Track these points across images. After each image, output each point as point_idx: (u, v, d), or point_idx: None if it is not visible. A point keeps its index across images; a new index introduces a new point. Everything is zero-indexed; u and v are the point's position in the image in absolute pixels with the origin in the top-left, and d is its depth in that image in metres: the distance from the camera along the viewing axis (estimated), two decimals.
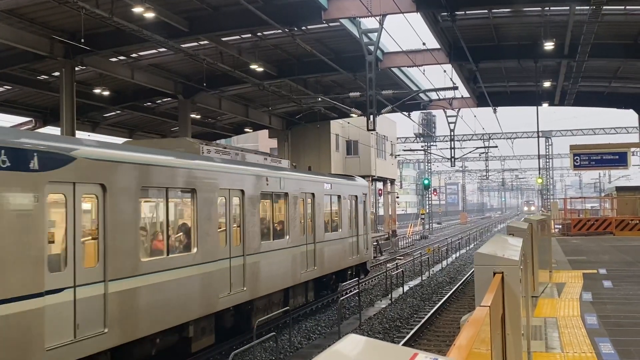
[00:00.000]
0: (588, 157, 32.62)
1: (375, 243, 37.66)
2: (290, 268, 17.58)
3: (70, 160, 9.48)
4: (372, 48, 22.52)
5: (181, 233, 12.99)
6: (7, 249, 8.38)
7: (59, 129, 24.04)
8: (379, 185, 55.74)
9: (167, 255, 11.94)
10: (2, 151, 8.22)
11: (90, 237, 10.07)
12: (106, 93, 27.75)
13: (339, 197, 21.93)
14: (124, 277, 10.50)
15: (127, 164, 10.90)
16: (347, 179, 24.15)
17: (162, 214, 12.23)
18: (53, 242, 9.33)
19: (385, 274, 26.24)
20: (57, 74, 25.25)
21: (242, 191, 14.98)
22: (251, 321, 15.25)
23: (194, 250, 12.79)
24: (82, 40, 18.79)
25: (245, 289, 14.78)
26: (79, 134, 26.39)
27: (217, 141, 47.80)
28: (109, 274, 10.14)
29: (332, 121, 43.18)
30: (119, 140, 34.46)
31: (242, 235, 14.87)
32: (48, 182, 9.05)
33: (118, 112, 34.66)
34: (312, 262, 19.20)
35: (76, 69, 23.79)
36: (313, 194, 19.55)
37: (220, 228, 13.94)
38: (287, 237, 17.49)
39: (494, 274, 4.80)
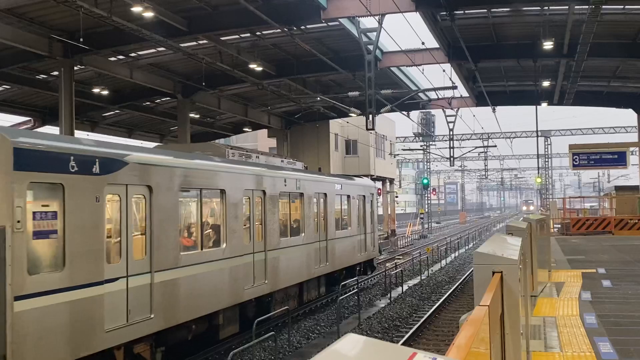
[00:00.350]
0: (587, 157, 32.63)
1: None
2: (305, 263, 18.81)
3: (123, 165, 10.83)
4: (371, 47, 22.53)
5: (212, 230, 14.20)
6: (77, 242, 9.67)
7: (58, 128, 24.03)
8: (378, 184, 55.72)
9: (201, 249, 13.31)
10: (72, 158, 9.65)
11: (139, 233, 11.36)
12: (105, 92, 27.72)
13: (348, 197, 23.09)
14: (166, 268, 11.83)
15: (169, 168, 12.27)
16: (355, 180, 25.21)
17: (196, 212, 13.53)
18: (110, 237, 10.62)
19: (384, 273, 26.25)
20: (56, 73, 25.24)
21: (264, 191, 16.28)
22: (270, 312, 16.37)
23: (223, 245, 14.09)
24: (81, 40, 18.77)
25: (266, 282, 16.10)
26: (78, 134, 26.40)
27: (216, 141, 47.82)
28: (154, 266, 11.45)
29: (331, 120, 43.16)
30: (118, 140, 34.47)
31: (264, 232, 16.16)
32: (107, 184, 10.41)
33: (117, 111, 34.63)
34: (325, 258, 20.37)
35: (75, 68, 23.77)
36: (325, 194, 20.75)
37: (245, 225, 15.21)
38: (303, 234, 18.73)
39: (493, 273, 4.80)
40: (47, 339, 9.13)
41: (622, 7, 22.08)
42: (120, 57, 25.72)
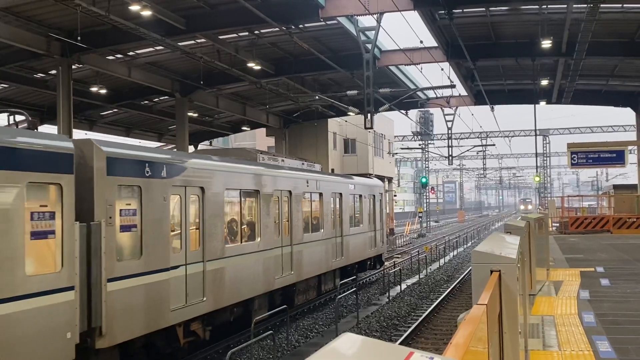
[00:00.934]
0: (585, 155, 32.64)
1: None
2: (324, 257, 20.80)
3: (183, 170, 12.83)
4: (369, 46, 22.49)
5: (249, 225, 16.11)
6: (150, 235, 11.62)
7: (56, 127, 23.99)
8: None
9: (241, 242, 15.36)
10: (147, 164, 11.68)
11: (194, 227, 13.26)
12: (103, 91, 27.67)
13: (360, 196, 24.98)
14: (215, 258, 13.78)
15: (217, 171, 14.26)
16: (366, 180, 27.39)
17: (237, 209, 15.55)
18: (173, 230, 12.49)
19: (382, 272, 26.25)
20: (53, 72, 25.19)
21: (290, 192, 18.26)
22: (294, 300, 18.58)
23: (258, 239, 16.10)
24: (79, 38, 18.74)
25: (292, 272, 18.13)
26: (76, 133, 26.35)
27: (215, 139, 47.80)
28: (206, 256, 13.41)
29: (329, 119, 43.14)
30: (117, 139, 34.44)
31: (290, 228, 18.16)
32: (171, 186, 12.36)
33: (115, 110, 34.59)
34: (340, 252, 22.41)
35: (73, 67, 23.73)
36: (341, 194, 22.66)
37: (275, 222, 17.18)
38: (322, 230, 20.73)
39: (492, 272, 4.79)
40: (129, 315, 10.96)
41: (620, 5, 22.07)
42: (118, 55, 25.68)
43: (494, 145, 60.02)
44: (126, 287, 10.88)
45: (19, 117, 11.56)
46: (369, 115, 22.51)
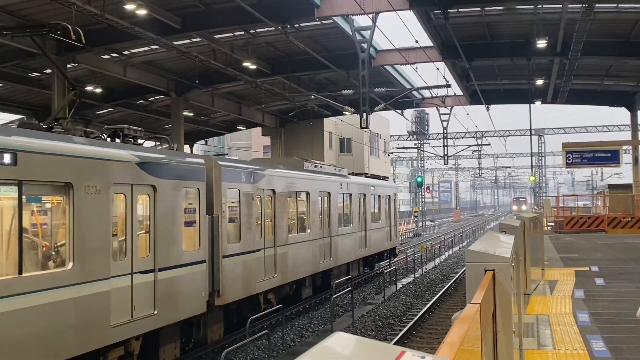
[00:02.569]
0: (580, 155, 32.73)
1: None
2: (352, 247, 24.38)
3: (263, 177, 16.73)
4: (365, 46, 22.51)
5: (303, 219, 19.87)
6: (245, 225, 15.47)
7: None
8: None
9: (297, 233, 19.14)
10: (242, 173, 15.59)
11: (268, 220, 17.16)
12: (98, 90, 27.63)
13: (379, 196, 28.46)
14: (282, 244, 17.68)
15: (282, 177, 18.02)
16: (384, 182, 30.45)
17: (294, 207, 19.35)
18: (258, 222, 16.37)
19: (378, 271, 26.25)
20: (48, 71, 25.14)
21: (329, 192, 21.87)
22: (330, 282, 21.49)
23: (308, 231, 19.95)
24: (74, 37, 18.68)
25: (331, 259, 21.81)
26: None
27: (211, 139, 47.74)
28: (276, 242, 17.36)
29: (325, 119, 43.15)
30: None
31: (329, 222, 21.76)
32: (257, 189, 16.28)
33: (110, 109, 34.55)
34: (365, 244, 25.96)
35: (68, 66, 23.68)
36: (364, 194, 26.07)
37: (319, 216, 20.86)
38: (351, 225, 24.25)
39: (485, 271, 4.79)
40: (234, 283, 14.76)
41: (615, 5, 22.12)
42: (114, 54, 25.65)
43: (489, 144, 60.11)
44: (232, 262, 14.73)
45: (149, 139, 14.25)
46: (364, 114, 22.52)
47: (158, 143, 14.25)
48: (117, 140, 11.85)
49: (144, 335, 11.42)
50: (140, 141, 12.42)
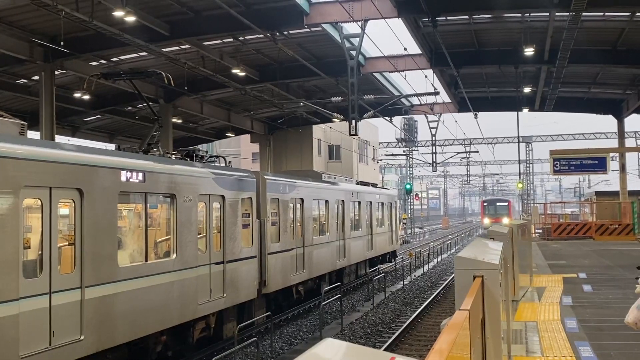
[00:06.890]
0: (568, 162, 32.91)
1: None
2: (361, 249, 26.88)
3: (295, 188, 19.39)
4: (354, 53, 22.55)
5: (323, 223, 22.43)
6: (282, 228, 18.21)
7: (38, 133, 23.80)
8: None
9: (319, 235, 21.62)
10: (280, 184, 18.27)
11: (298, 223, 19.76)
12: (86, 97, 27.50)
13: (382, 203, 31.12)
14: (308, 245, 20.35)
15: (308, 188, 20.69)
16: (386, 191, 33.98)
17: (316, 213, 22.04)
18: (292, 225, 19.18)
19: (367, 278, 26.25)
20: (36, 77, 25.01)
21: (343, 200, 24.36)
22: (343, 280, 24.28)
23: (327, 234, 22.44)
24: (62, 44, 18.63)
25: (345, 258, 24.38)
26: (59, 139, 26.15)
27: (199, 146, 47.60)
28: (305, 243, 19.99)
29: (314, 126, 43.15)
30: (100, 145, 34.15)
31: (343, 227, 24.27)
32: (290, 198, 18.96)
33: (98, 116, 34.41)
34: (371, 246, 28.49)
35: (56, 72, 23.58)
36: (370, 202, 28.57)
37: (336, 221, 23.46)
38: (360, 229, 26.79)
39: (474, 277, 4.80)
40: (276, 276, 17.66)
41: (602, 14, 22.31)
42: (102, 61, 25.56)
43: (477, 152, 60.29)
44: (274, 258, 17.47)
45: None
46: (353, 121, 22.56)
47: (215, 159, 16.56)
48: (187, 159, 14.46)
49: (217, 312, 14.46)
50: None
